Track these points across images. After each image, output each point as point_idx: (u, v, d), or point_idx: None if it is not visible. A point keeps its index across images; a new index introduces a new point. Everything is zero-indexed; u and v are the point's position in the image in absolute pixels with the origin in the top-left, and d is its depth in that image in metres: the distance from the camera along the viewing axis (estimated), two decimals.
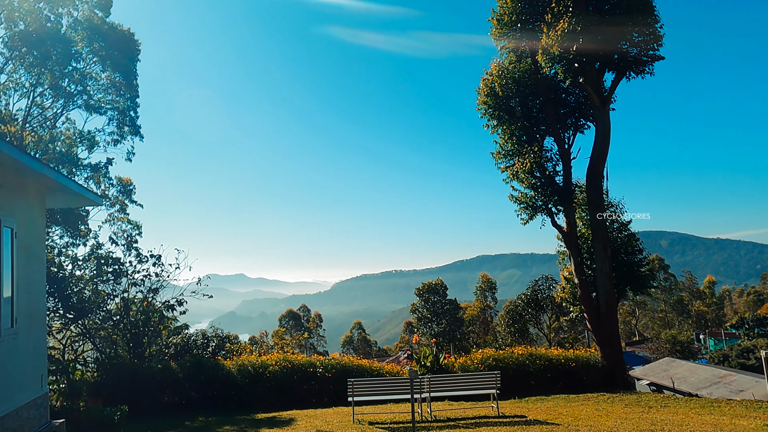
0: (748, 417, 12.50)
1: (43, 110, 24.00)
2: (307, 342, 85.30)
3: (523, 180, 19.02)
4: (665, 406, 14.24)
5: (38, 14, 21.54)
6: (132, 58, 24.72)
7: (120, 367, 17.02)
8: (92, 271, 18.51)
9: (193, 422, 14.13)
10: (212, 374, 17.23)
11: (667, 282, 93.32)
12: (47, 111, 24.04)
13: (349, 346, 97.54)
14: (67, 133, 24.78)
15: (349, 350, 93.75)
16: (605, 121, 18.21)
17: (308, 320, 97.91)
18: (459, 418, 13.07)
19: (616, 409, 13.69)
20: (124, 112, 23.94)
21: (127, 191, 24.25)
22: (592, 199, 18.48)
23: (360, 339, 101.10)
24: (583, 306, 18.99)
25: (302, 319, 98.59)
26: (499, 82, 19.60)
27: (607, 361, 17.91)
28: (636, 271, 19.35)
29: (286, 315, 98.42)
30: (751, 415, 12.71)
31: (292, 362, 17.77)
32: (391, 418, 13.29)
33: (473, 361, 17.77)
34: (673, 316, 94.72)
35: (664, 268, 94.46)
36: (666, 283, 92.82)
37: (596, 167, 18.44)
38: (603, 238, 18.15)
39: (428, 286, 44.07)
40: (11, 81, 23.18)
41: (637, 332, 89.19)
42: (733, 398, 15.97)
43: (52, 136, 23.78)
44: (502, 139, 19.98)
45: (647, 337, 75.98)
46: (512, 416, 13.04)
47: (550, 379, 17.36)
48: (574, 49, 16.46)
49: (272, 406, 16.53)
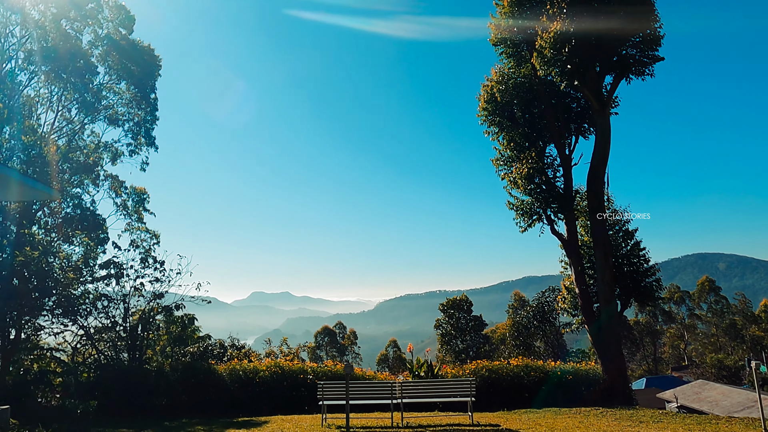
0: None
1: (68, 123, 25.07)
2: (343, 359, 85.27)
3: (520, 186, 18.50)
4: (658, 421, 13.39)
5: (62, 31, 22.66)
6: (151, 74, 25.70)
7: (113, 369, 17.37)
8: (91, 274, 19.00)
9: (172, 422, 14.24)
10: (204, 378, 17.36)
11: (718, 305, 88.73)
12: (70, 124, 25.10)
13: (384, 363, 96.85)
14: (91, 146, 25.92)
15: (384, 368, 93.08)
16: (605, 125, 17.57)
17: (344, 337, 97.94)
18: (430, 425, 12.67)
19: (602, 422, 12.97)
20: (140, 125, 24.86)
21: (141, 200, 25.03)
22: (592, 206, 17.77)
23: (395, 357, 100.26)
24: (583, 317, 18.18)
25: (338, 336, 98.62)
26: (499, 88, 19.28)
27: (607, 375, 17.02)
28: (641, 281, 18.42)
29: (321, 332, 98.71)
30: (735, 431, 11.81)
31: (283, 368, 17.72)
32: (363, 423, 13.01)
33: (465, 371, 17.26)
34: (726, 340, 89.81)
35: (715, 290, 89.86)
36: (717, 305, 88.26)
37: (596, 173, 17.77)
38: (604, 245, 17.38)
39: (452, 302, 43.26)
40: (37, 95, 24.34)
41: (686, 357, 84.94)
42: None
43: (75, 147, 24.75)
44: (503, 145, 19.57)
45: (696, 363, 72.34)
46: (486, 425, 12.54)
47: (545, 392, 16.63)
48: (566, 50, 16.02)
49: (262, 410, 16.48)
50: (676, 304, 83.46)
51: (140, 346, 19.23)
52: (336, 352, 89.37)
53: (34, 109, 24.38)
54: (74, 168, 24.09)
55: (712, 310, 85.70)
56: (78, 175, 24.47)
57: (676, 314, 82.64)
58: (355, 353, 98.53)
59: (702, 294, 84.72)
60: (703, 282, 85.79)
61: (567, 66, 16.51)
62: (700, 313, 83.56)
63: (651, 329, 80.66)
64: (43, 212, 23.77)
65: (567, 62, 16.46)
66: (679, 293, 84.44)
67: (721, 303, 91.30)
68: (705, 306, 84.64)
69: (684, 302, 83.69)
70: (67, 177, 23.84)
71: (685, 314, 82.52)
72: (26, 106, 23.84)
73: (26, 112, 24.12)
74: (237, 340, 31.59)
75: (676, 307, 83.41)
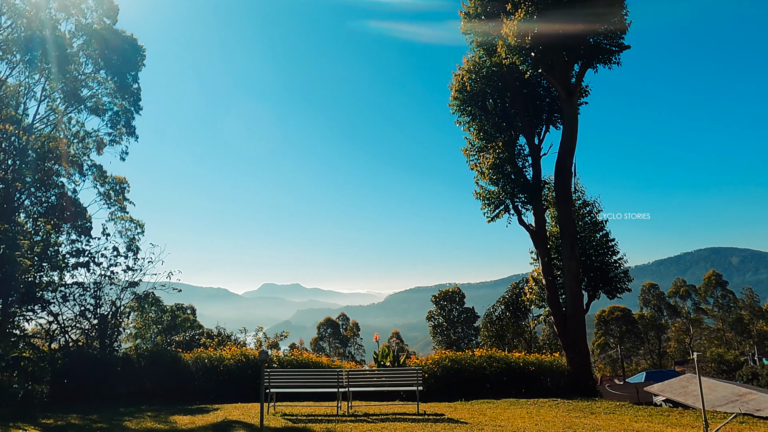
0: (685, 426, 11.48)
1: (52, 112, 25.18)
2: (345, 350, 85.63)
3: (487, 175, 18.33)
4: (610, 413, 13.28)
5: (44, 21, 22.71)
6: (134, 64, 25.75)
7: (78, 356, 17.49)
8: (56, 262, 19.11)
9: (127, 408, 14.31)
10: (169, 366, 17.46)
11: (725, 299, 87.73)
12: (54, 114, 25.21)
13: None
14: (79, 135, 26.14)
15: None
16: (573, 115, 17.32)
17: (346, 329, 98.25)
18: (376, 413, 12.65)
19: (551, 413, 12.88)
20: (120, 115, 24.99)
21: (122, 189, 25.20)
22: (559, 196, 17.56)
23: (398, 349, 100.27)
24: (550, 308, 18.03)
25: (341, 327, 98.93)
26: (470, 77, 19.09)
27: (572, 367, 16.88)
28: (609, 273, 18.21)
29: (324, 323, 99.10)
30: (691, 425, 11.67)
31: (247, 356, 17.77)
32: (310, 411, 13.04)
33: (428, 361, 17.22)
34: (732, 335, 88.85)
35: (722, 285, 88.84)
36: (724, 300, 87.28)
37: (563, 162, 17.54)
38: (570, 236, 17.18)
39: (445, 293, 43.12)
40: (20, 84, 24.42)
41: (691, 351, 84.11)
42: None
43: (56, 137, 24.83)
44: (473, 135, 19.39)
45: None
46: (431, 414, 12.50)
47: (506, 383, 16.52)
48: (529, 38, 15.79)
49: (226, 398, 16.52)
50: (681, 298, 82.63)
51: (111, 334, 19.35)
52: (339, 344, 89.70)
53: (19, 99, 24.56)
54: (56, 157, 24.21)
55: (719, 304, 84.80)
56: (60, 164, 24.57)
57: (682, 308, 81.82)
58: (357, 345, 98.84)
59: (708, 288, 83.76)
60: (709, 276, 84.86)
61: (531, 54, 16.29)
62: (706, 308, 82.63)
63: (656, 323, 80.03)
64: (30, 201, 24.05)
65: (531, 50, 16.23)
66: (684, 287, 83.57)
67: (728, 297, 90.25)
68: (711, 300, 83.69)
69: (690, 296, 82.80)
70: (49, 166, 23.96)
71: (691, 308, 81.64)
72: (11, 96, 24.03)
73: (11, 101, 24.32)
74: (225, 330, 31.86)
75: (681, 301, 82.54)
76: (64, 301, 18.63)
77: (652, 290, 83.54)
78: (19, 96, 24.46)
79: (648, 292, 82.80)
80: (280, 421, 11.61)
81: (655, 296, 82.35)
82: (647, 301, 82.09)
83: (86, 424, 11.22)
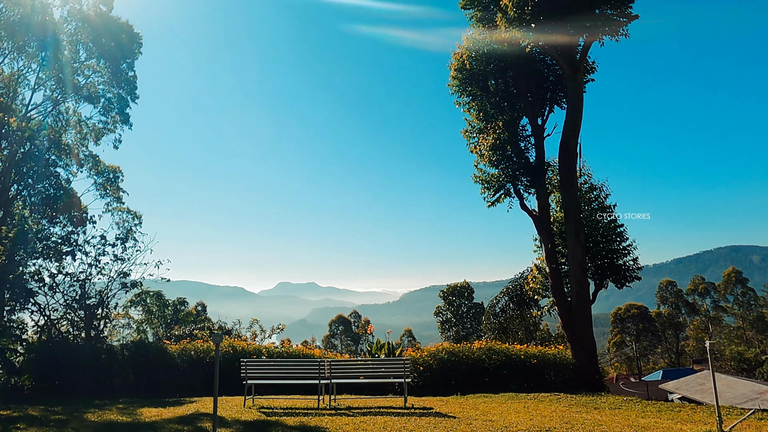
0: (697, 422, 10.40)
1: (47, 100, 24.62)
2: (357, 348, 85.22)
3: (486, 157, 17.28)
4: (615, 408, 12.22)
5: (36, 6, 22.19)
6: (129, 51, 25.15)
7: (62, 347, 16.84)
8: (32, 251, 18.49)
9: (102, 401, 13.56)
10: (154, 358, 16.75)
11: (745, 297, 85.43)
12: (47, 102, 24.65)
13: None
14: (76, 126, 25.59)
15: None
16: (577, 92, 16.20)
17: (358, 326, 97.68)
18: (359, 407, 11.75)
19: (550, 408, 11.86)
20: (113, 102, 24.38)
21: (115, 178, 24.59)
22: (563, 178, 16.45)
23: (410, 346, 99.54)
24: (554, 298, 16.93)
25: (353, 325, 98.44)
26: (469, 55, 18.06)
27: (577, 360, 15.79)
28: (617, 260, 17.07)
29: (336, 320, 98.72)
30: (704, 421, 10.58)
31: (235, 348, 17.00)
32: (291, 404, 12.18)
33: (423, 353, 16.29)
34: (752, 334, 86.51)
35: (742, 282, 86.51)
36: (744, 298, 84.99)
37: (568, 142, 16.41)
38: (575, 221, 16.08)
39: (453, 288, 42.03)
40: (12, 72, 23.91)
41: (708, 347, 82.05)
42: None
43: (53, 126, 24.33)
44: (473, 116, 18.36)
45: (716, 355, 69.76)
46: (418, 408, 11.56)
47: (506, 376, 15.49)
48: (529, 8, 14.74)
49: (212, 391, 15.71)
50: (700, 296, 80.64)
51: (97, 325, 18.70)
52: (351, 341, 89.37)
53: (11, 87, 24.04)
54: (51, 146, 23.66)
55: (739, 302, 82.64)
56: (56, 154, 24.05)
57: (700, 306, 79.83)
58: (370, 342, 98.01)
59: (728, 286, 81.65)
60: (729, 274, 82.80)
61: (532, 25, 15.22)
62: (725, 306, 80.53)
63: (673, 321, 78.25)
64: (28, 192, 23.53)
65: (531, 21, 15.17)
66: (703, 285, 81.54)
67: (749, 295, 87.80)
68: (731, 298, 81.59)
69: (709, 294, 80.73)
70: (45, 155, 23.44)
71: (710, 306, 79.60)
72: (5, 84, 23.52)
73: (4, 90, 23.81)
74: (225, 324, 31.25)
75: (700, 299, 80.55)
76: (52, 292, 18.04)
77: (669, 288, 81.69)
78: (11, 84, 23.95)
79: (665, 290, 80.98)
80: (254, 415, 10.75)
81: (673, 294, 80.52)
82: (665, 298, 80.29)
83: (44, 416, 10.47)
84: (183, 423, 9.88)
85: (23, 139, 22.09)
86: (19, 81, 23.90)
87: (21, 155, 22.02)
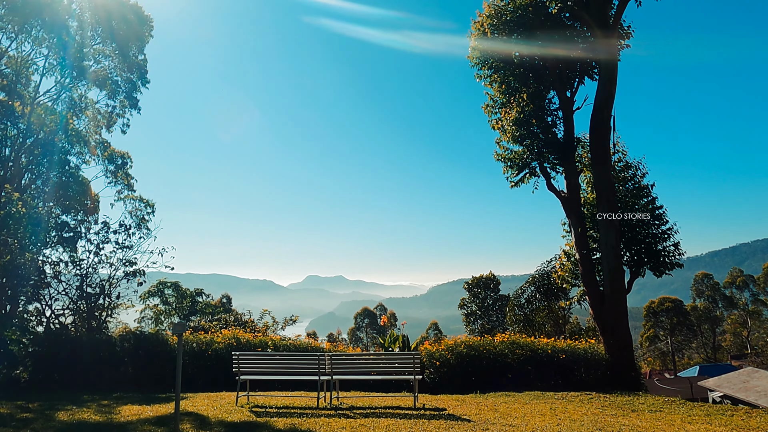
0: (755, 430, 8.85)
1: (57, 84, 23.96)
2: None
3: (509, 133, 15.74)
4: (656, 410, 10.70)
5: None
6: (140, 34, 24.40)
7: (59, 338, 16.01)
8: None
9: (92, 396, 12.61)
10: (153, 351, 15.78)
11: None
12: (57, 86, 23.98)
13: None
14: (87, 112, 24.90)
15: None
16: (611, 59, 14.55)
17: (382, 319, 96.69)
18: (363, 407, 10.47)
19: (581, 410, 10.40)
20: (121, 86, 23.62)
21: (124, 164, 23.85)
22: (595, 155, 14.81)
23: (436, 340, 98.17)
24: (584, 287, 15.34)
25: (378, 317, 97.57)
26: (491, 22, 16.51)
27: (610, 355, 14.22)
28: (656, 245, 15.37)
29: (361, 313, 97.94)
30: (763, 428, 9.01)
31: (239, 339, 15.92)
32: (288, 402, 11.00)
33: (440, 347, 14.95)
34: None
35: None
36: None
37: (600, 115, 14.74)
38: (608, 202, 14.45)
39: (478, 280, 40.49)
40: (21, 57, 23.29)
41: (749, 345, 78.70)
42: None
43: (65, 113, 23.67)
44: (495, 90, 16.81)
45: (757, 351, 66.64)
46: (430, 409, 10.23)
47: (531, 373, 14.03)
48: None
49: (216, 385, 14.71)
50: (738, 289, 77.24)
51: (98, 316, 17.86)
52: (376, 334, 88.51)
53: (21, 72, 23.43)
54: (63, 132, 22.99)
55: None
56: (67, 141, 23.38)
57: (738, 300, 76.47)
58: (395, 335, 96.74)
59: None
60: None
61: None
62: (765, 299, 76.97)
63: (710, 315, 75.18)
64: (42, 181, 22.92)
65: None
66: (741, 278, 78.04)
67: None
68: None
69: (747, 287, 77.20)
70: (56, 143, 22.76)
71: (749, 300, 76.14)
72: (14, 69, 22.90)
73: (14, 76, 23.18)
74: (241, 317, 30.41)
75: (738, 292, 77.15)
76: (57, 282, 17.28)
77: (705, 280, 78.46)
78: (21, 69, 23.33)
79: (701, 283, 77.80)
80: (243, 415, 9.57)
81: (709, 287, 77.30)
82: (700, 291, 77.18)
83: (13, 413, 9.49)
84: (159, 424, 8.74)
85: (36, 126, 21.45)
86: (29, 66, 23.29)
87: (31, 143, 21.40)
